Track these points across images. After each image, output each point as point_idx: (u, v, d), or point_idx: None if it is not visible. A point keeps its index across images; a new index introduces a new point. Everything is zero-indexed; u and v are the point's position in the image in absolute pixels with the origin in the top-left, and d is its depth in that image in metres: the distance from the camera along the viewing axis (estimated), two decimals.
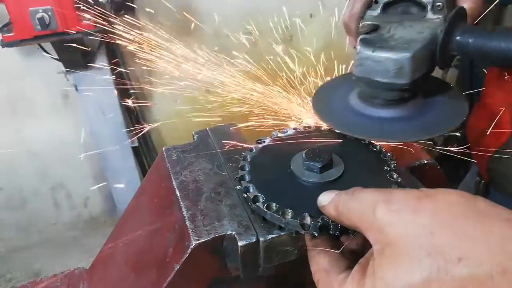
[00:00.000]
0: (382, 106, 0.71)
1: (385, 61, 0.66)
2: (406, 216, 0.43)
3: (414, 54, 0.64)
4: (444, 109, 0.72)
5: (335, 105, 0.76)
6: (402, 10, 0.74)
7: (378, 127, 0.70)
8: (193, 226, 0.61)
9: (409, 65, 0.65)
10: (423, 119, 0.71)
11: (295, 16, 2.55)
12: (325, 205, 0.54)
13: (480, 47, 0.64)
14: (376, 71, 0.67)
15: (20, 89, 2.24)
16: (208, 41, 2.45)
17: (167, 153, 0.78)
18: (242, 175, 0.65)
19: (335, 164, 0.66)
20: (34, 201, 2.61)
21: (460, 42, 0.66)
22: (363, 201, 0.47)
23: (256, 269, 0.62)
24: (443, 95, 0.75)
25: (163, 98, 2.54)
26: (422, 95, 0.73)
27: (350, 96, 0.76)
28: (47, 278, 0.86)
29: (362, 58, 0.67)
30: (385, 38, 0.69)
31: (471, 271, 0.37)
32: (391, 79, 0.66)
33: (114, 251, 0.81)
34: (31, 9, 1.61)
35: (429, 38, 0.66)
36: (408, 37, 0.67)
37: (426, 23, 0.68)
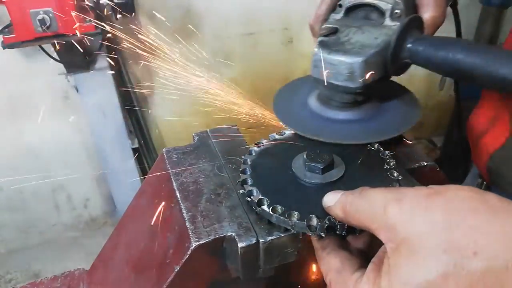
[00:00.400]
0: (338, 108, 0.73)
1: (338, 64, 0.67)
2: (419, 214, 0.43)
3: (366, 59, 0.66)
4: (397, 113, 0.74)
5: (294, 106, 0.78)
6: (363, 16, 0.75)
7: (332, 129, 0.72)
8: (193, 227, 0.61)
9: (360, 70, 0.66)
10: (374, 122, 0.72)
11: (295, 17, 2.56)
12: (331, 206, 0.53)
13: (430, 56, 0.65)
14: (330, 73, 0.68)
15: (21, 91, 2.25)
16: (208, 42, 2.45)
17: (167, 154, 0.78)
18: (244, 179, 0.65)
19: (336, 164, 0.66)
20: (35, 202, 2.61)
21: (411, 50, 0.67)
22: (372, 201, 0.47)
23: (256, 271, 0.62)
24: (398, 99, 0.77)
25: (163, 99, 2.55)
26: (379, 99, 0.75)
27: (309, 98, 0.78)
28: (47, 279, 0.86)
29: (317, 60, 0.69)
30: (342, 41, 0.70)
31: (487, 264, 0.38)
32: (343, 82, 0.67)
33: (114, 252, 0.81)
34: (32, 10, 1.61)
35: (383, 44, 0.67)
36: (363, 42, 0.68)
37: (384, 29, 0.69)
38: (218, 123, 0.88)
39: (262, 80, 2.66)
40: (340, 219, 0.53)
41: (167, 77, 2.57)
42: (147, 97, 2.51)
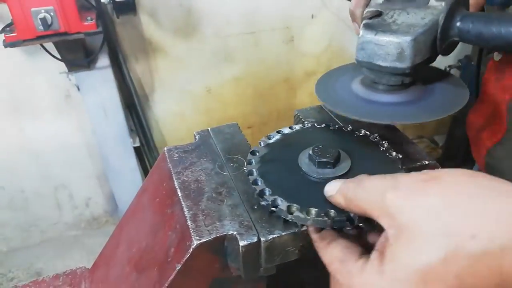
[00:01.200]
0: (384, 92, 0.73)
1: (386, 45, 0.67)
2: (416, 200, 0.44)
3: (415, 38, 0.65)
4: (445, 94, 0.74)
5: (338, 91, 0.78)
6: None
7: (380, 111, 0.71)
8: (194, 226, 0.61)
9: (410, 49, 0.66)
10: (424, 103, 0.72)
11: (296, 16, 2.55)
12: (332, 195, 0.54)
13: (480, 32, 0.66)
14: (378, 55, 0.68)
15: (22, 89, 2.25)
16: (209, 41, 2.45)
17: (169, 153, 0.78)
18: (262, 190, 0.62)
19: (343, 158, 0.66)
20: (36, 201, 2.62)
21: (461, 28, 0.67)
22: (370, 189, 0.48)
23: (257, 269, 0.62)
24: (443, 82, 0.77)
25: (164, 98, 2.55)
26: (423, 82, 0.74)
27: (352, 83, 0.78)
28: (49, 277, 0.87)
29: (364, 42, 0.69)
30: (388, 23, 0.70)
31: (485, 246, 0.39)
32: (392, 63, 0.67)
33: (116, 250, 0.81)
34: (33, 9, 1.61)
35: (431, 23, 0.67)
36: (410, 23, 0.68)
37: (429, 9, 0.69)
38: (219, 122, 0.88)
39: (263, 79, 2.66)
40: (342, 207, 0.54)
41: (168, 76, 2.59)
42: (148, 95, 2.51)
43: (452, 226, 0.41)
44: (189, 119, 2.65)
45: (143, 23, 2.28)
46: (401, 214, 0.44)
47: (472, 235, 0.40)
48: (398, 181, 0.47)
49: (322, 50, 2.71)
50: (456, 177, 0.44)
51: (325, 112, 0.89)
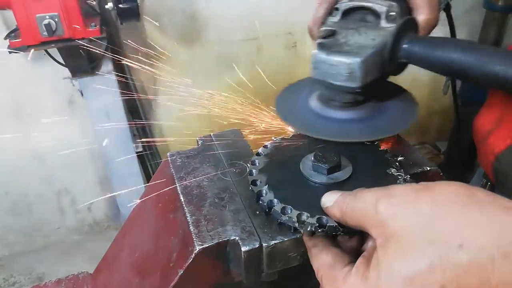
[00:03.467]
0: (339, 108, 0.74)
1: (338, 65, 0.68)
2: (407, 208, 0.44)
3: (365, 60, 0.67)
4: (396, 112, 0.76)
5: (296, 106, 0.80)
6: (359, 18, 0.77)
7: (333, 128, 0.73)
8: (196, 231, 0.62)
9: (359, 70, 0.67)
10: (375, 121, 0.74)
11: (299, 22, 2.56)
12: (328, 207, 0.54)
13: (425, 56, 0.68)
14: (330, 74, 0.70)
15: (26, 94, 2.26)
16: (212, 47, 2.46)
17: (172, 158, 0.79)
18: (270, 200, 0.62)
19: (344, 165, 0.67)
20: (39, 205, 2.62)
21: (407, 50, 0.69)
22: (365, 200, 0.48)
23: (259, 275, 0.62)
24: (396, 99, 0.78)
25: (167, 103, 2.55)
26: (377, 99, 0.76)
27: (310, 98, 0.80)
28: (52, 282, 0.87)
29: (317, 61, 0.71)
30: (340, 43, 0.72)
31: (472, 257, 0.38)
32: (343, 82, 0.69)
33: (119, 255, 0.81)
34: (38, 15, 1.63)
35: (380, 45, 0.69)
36: (361, 43, 0.70)
37: (380, 31, 0.71)
38: (222, 128, 0.89)
39: (266, 84, 2.67)
40: (337, 219, 0.54)
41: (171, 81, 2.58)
42: (151, 100, 2.52)
43: (440, 235, 0.40)
44: (191, 125, 2.65)
45: (147, 29, 2.30)
46: (391, 222, 0.44)
47: (460, 245, 0.39)
48: (392, 191, 0.47)
49: None
50: (449, 187, 0.44)
51: None
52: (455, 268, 0.39)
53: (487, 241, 0.38)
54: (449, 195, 0.43)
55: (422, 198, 0.44)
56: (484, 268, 0.38)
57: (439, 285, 0.39)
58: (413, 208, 0.44)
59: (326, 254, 0.53)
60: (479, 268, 0.38)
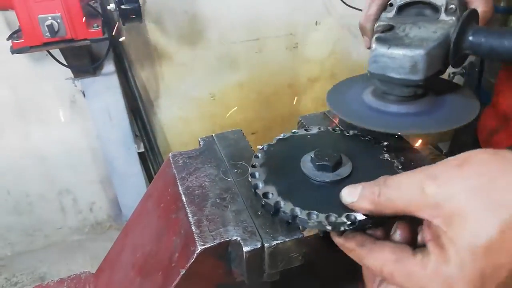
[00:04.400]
0: (396, 102, 0.74)
1: (400, 58, 0.68)
2: (457, 184, 0.46)
3: (429, 52, 0.67)
4: (456, 106, 0.75)
5: (350, 102, 0.79)
6: (416, 12, 0.77)
7: (393, 121, 0.73)
8: (198, 231, 0.62)
9: (423, 62, 0.67)
10: (435, 114, 0.73)
11: (300, 23, 2.57)
12: (354, 202, 0.54)
13: (492, 46, 0.67)
14: (391, 68, 0.69)
15: (29, 95, 2.27)
16: (214, 47, 2.47)
17: (174, 158, 0.79)
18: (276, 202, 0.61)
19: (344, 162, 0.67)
20: (41, 205, 2.63)
21: (473, 42, 0.69)
22: (404, 186, 0.49)
23: (261, 275, 0.63)
24: (453, 93, 0.78)
25: (169, 104, 2.56)
26: (434, 93, 0.76)
27: (363, 94, 0.79)
28: (54, 282, 0.87)
29: (377, 55, 0.70)
30: (400, 36, 0.71)
31: None
32: (405, 75, 0.69)
33: (120, 255, 0.82)
34: (40, 16, 1.63)
35: (443, 37, 0.69)
36: (422, 36, 0.70)
37: (440, 24, 0.71)
38: (223, 128, 0.89)
39: (267, 84, 2.67)
40: (368, 211, 0.53)
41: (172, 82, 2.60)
42: (153, 101, 2.53)
43: (498, 199, 0.43)
44: (193, 125, 2.66)
45: (149, 29, 2.30)
46: (447, 202, 0.45)
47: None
48: (434, 172, 0.47)
49: (326, 57, 2.72)
50: (484, 156, 0.46)
51: (328, 118, 0.89)
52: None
53: None
54: (487, 163, 0.45)
55: (465, 172, 0.46)
56: None
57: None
58: (462, 183, 0.45)
59: (382, 250, 0.52)
60: None
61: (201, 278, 0.63)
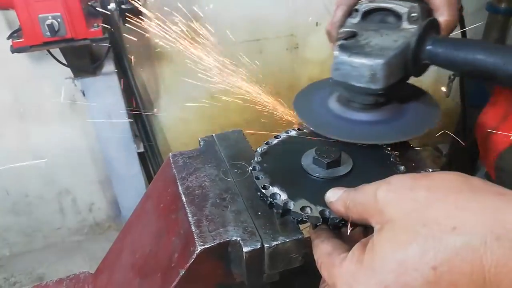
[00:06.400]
0: (359, 110, 0.74)
1: (360, 67, 0.68)
2: (404, 193, 0.45)
3: (388, 61, 0.67)
4: (418, 114, 0.75)
5: (315, 107, 0.79)
6: (380, 19, 0.77)
7: (354, 130, 0.73)
8: (198, 231, 0.62)
9: (382, 71, 0.67)
10: (397, 123, 0.73)
11: (301, 24, 2.57)
12: (332, 202, 0.55)
13: (449, 57, 0.67)
14: (352, 76, 0.69)
15: (28, 94, 2.27)
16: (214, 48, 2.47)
17: (174, 159, 0.79)
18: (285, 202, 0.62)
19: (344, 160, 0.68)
20: (40, 205, 2.62)
21: (431, 52, 0.69)
22: (367, 191, 0.49)
23: (261, 276, 0.62)
24: (417, 101, 0.78)
25: (169, 104, 2.56)
26: (398, 101, 0.76)
27: (329, 100, 0.79)
28: (53, 282, 0.87)
29: (338, 63, 0.70)
30: (361, 44, 0.71)
31: (465, 239, 0.39)
32: (365, 84, 0.69)
33: (120, 256, 0.81)
34: (40, 15, 1.63)
35: (403, 46, 0.68)
36: (383, 45, 0.70)
37: (401, 32, 0.71)
38: (223, 128, 0.88)
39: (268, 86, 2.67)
40: (340, 214, 0.55)
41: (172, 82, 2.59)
42: (153, 101, 2.52)
43: (433, 217, 0.41)
44: (193, 125, 2.65)
45: (149, 29, 2.30)
46: (388, 208, 0.45)
47: (453, 227, 0.39)
48: (390, 179, 0.48)
49: (326, 57, 2.72)
50: (447, 176, 0.45)
51: None
52: (448, 251, 0.39)
53: (480, 225, 0.39)
54: (445, 182, 0.44)
55: (418, 184, 0.45)
56: (476, 251, 0.38)
57: (430, 266, 0.40)
58: (409, 194, 0.44)
59: (327, 244, 0.54)
60: (472, 251, 0.38)
61: (200, 278, 0.63)
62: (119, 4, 1.81)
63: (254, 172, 0.67)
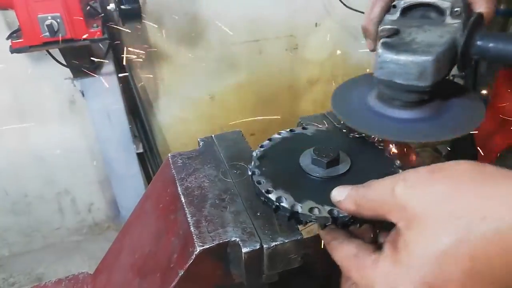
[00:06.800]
0: (402, 108, 0.73)
1: (408, 64, 0.67)
2: (423, 189, 0.45)
3: (437, 58, 0.66)
4: (462, 111, 0.74)
5: (354, 105, 0.78)
6: (420, 15, 0.75)
7: (399, 128, 0.71)
8: (197, 232, 0.62)
9: (431, 68, 0.66)
10: (442, 120, 0.72)
11: (300, 25, 2.57)
12: (341, 201, 0.55)
13: (500, 51, 0.66)
14: (398, 74, 0.68)
15: (28, 95, 2.27)
16: (213, 49, 2.47)
17: (173, 159, 0.79)
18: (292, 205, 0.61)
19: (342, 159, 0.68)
20: (39, 205, 2.62)
21: (481, 47, 0.68)
22: (379, 188, 0.49)
23: (260, 276, 0.62)
24: (459, 97, 0.76)
25: (168, 104, 2.56)
26: (440, 98, 0.74)
27: (368, 97, 0.78)
28: (52, 282, 0.87)
29: (384, 61, 0.69)
30: (407, 41, 0.70)
31: (496, 226, 0.40)
32: (413, 81, 0.68)
33: (119, 256, 0.81)
34: (40, 16, 1.63)
35: (450, 42, 0.68)
36: (429, 41, 0.68)
37: (446, 27, 0.70)
38: (223, 129, 0.88)
39: (267, 86, 2.67)
40: (351, 212, 0.54)
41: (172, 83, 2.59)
42: (152, 102, 2.52)
43: (462, 209, 0.42)
44: (192, 126, 2.65)
45: (149, 30, 2.30)
46: (411, 204, 0.45)
47: (483, 217, 0.40)
48: (406, 175, 0.48)
49: (325, 58, 2.72)
50: (460, 166, 0.45)
51: (328, 120, 0.89)
52: (481, 239, 0.40)
53: (506, 211, 0.40)
54: (461, 172, 0.44)
55: (436, 178, 0.45)
56: (505, 237, 0.39)
57: (468, 256, 0.40)
58: (429, 188, 0.45)
59: (349, 245, 0.53)
60: (501, 237, 0.39)
61: (199, 279, 0.63)
62: (118, 5, 1.81)
63: (255, 177, 0.66)
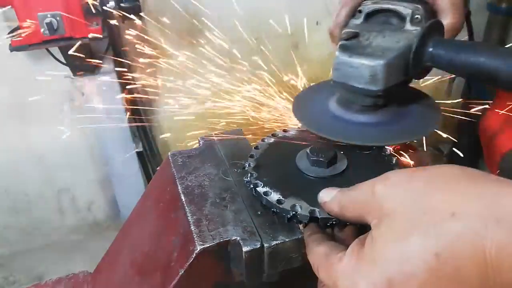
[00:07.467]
0: (358, 112, 0.74)
1: (360, 67, 0.67)
2: (401, 186, 0.45)
3: (388, 62, 0.66)
4: (417, 118, 0.75)
5: (314, 109, 0.79)
6: (383, 21, 0.76)
7: (352, 131, 0.72)
8: (198, 231, 0.61)
9: (382, 73, 0.66)
10: (395, 126, 0.73)
11: (301, 23, 2.56)
12: (327, 202, 0.55)
13: (451, 59, 0.66)
14: (352, 77, 0.69)
15: (27, 93, 2.26)
16: (214, 47, 2.46)
17: (173, 158, 0.78)
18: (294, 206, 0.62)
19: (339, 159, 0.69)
20: (39, 204, 2.62)
21: (433, 54, 0.68)
22: (362, 189, 0.49)
23: (260, 275, 0.62)
24: (418, 104, 0.77)
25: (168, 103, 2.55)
26: (397, 104, 0.75)
27: (329, 101, 0.79)
28: (52, 281, 0.87)
29: (339, 63, 0.70)
30: (363, 45, 0.71)
31: (465, 224, 0.39)
32: (365, 85, 0.68)
33: (119, 255, 0.81)
34: (39, 14, 1.62)
35: (404, 48, 0.68)
36: (385, 46, 0.69)
37: (404, 34, 0.70)
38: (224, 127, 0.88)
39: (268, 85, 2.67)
40: (335, 214, 0.54)
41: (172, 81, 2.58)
42: (152, 100, 2.52)
43: (432, 206, 0.41)
44: (192, 125, 2.65)
45: (148, 28, 2.30)
46: (386, 202, 0.45)
47: (452, 213, 0.39)
48: (387, 174, 0.48)
49: (326, 57, 2.72)
50: (444, 167, 0.45)
51: None
52: (449, 236, 0.39)
53: (479, 209, 0.39)
54: (441, 173, 0.44)
55: (416, 177, 0.45)
56: (477, 234, 0.38)
57: (434, 253, 0.39)
58: (407, 186, 0.44)
59: (322, 245, 0.54)
60: (472, 235, 0.38)
61: (200, 278, 0.62)
62: (118, 2, 1.81)
63: (260, 189, 0.66)
